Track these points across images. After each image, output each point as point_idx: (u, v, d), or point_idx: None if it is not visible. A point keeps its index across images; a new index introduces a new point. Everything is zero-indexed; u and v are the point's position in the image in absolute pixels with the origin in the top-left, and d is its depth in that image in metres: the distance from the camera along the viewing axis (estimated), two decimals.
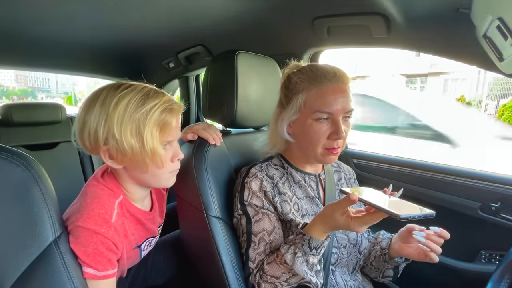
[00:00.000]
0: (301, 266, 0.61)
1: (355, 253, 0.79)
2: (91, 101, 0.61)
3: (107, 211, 0.62)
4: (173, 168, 0.69)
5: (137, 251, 0.75)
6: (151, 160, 0.62)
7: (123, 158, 0.61)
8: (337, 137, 0.69)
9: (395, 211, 0.48)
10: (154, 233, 0.80)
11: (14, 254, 0.47)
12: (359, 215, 0.55)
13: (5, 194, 0.48)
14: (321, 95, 0.69)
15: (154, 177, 0.66)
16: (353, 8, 0.90)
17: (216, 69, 0.88)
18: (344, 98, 0.69)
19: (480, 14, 0.62)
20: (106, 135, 0.59)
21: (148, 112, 0.60)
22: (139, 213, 0.71)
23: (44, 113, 1.59)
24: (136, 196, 0.71)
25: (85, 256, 0.57)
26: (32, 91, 43.16)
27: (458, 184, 1.00)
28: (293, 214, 0.71)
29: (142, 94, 0.61)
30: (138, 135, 0.60)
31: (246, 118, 0.88)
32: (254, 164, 0.78)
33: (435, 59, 12.37)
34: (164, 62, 1.74)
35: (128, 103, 0.59)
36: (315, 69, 0.72)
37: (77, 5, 0.97)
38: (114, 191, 0.66)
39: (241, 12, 1.05)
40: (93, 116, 0.60)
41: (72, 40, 1.39)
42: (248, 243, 0.72)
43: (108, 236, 0.60)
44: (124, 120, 0.59)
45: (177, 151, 0.69)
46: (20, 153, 0.51)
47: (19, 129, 1.53)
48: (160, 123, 0.62)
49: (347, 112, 0.70)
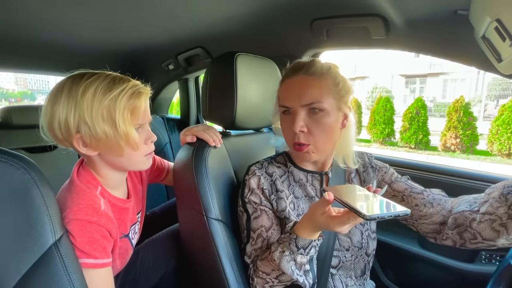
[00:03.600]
0: (288, 265, 0.61)
1: (362, 256, 0.76)
2: (56, 92, 0.62)
3: (94, 201, 0.63)
4: (148, 151, 0.71)
5: (126, 241, 0.76)
6: (126, 143, 0.64)
7: (97, 144, 0.62)
8: (293, 129, 0.67)
9: (362, 210, 0.46)
10: (134, 220, 0.82)
11: (14, 256, 0.47)
12: (338, 215, 0.54)
13: (5, 197, 0.48)
14: (283, 88, 0.72)
15: (129, 160, 0.68)
16: (352, 10, 0.90)
17: (215, 71, 0.88)
18: (300, 91, 0.66)
19: (478, 16, 0.63)
20: (77, 123, 0.60)
21: (117, 97, 0.61)
22: (119, 201, 0.73)
23: None
24: (112, 182, 0.72)
25: (82, 245, 0.58)
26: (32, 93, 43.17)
27: (459, 185, 1.01)
28: (288, 212, 0.71)
29: (109, 80, 0.63)
30: (110, 120, 0.61)
31: (246, 119, 0.88)
32: (256, 162, 0.79)
33: (434, 59, 12.42)
34: (163, 64, 1.74)
35: (96, 90, 0.60)
36: (290, 65, 0.74)
37: (76, 8, 0.98)
38: (92, 183, 0.67)
39: (240, 14, 1.05)
40: (61, 106, 0.60)
41: (72, 42, 1.39)
42: (248, 239, 0.73)
43: (101, 223, 0.61)
44: (94, 106, 0.60)
45: (149, 134, 0.71)
46: (20, 156, 0.51)
47: (19, 131, 1.53)
48: (130, 107, 0.63)
49: (304, 104, 0.66)
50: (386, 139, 8.29)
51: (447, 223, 0.66)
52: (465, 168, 1.06)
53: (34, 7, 0.95)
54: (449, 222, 0.65)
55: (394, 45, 0.95)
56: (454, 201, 0.69)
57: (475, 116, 6.94)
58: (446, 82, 14.18)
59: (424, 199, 0.72)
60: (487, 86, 12.12)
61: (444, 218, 0.67)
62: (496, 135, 6.40)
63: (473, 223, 0.61)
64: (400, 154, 7.32)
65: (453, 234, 0.65)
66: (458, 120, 6.84)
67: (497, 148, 6.43)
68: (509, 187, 0.57)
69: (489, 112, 10.82)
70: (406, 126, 7.63)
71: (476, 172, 1.02)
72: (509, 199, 0.55)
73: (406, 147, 7.76)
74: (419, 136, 7.50)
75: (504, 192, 0.57)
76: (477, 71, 11.36)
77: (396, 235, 1.13)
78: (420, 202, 0.72)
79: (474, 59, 0.80)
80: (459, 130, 6.88)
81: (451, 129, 6.99)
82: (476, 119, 6.88)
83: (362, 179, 0.82)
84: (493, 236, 0.59)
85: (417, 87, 14.83)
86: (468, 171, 1.04)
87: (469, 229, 0.62)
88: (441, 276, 1.05)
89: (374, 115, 8.32)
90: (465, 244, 0.64)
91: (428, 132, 7.51)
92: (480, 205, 0.60)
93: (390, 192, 0.78)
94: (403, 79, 14.99)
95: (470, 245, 0.63)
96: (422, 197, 0.72)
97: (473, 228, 0.61)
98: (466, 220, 0.62)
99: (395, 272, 1.18)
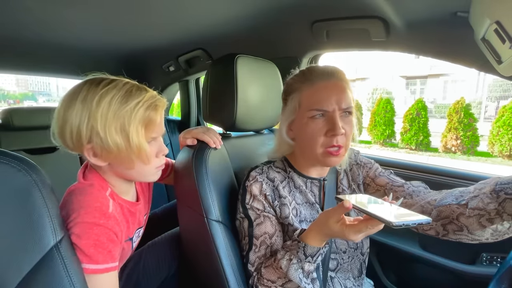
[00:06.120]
0: (296, 273, 0.61)
1: (358, 256, 0.78)
2: (71, 97, 0.59)
3: (103, 203, 0.61)
4: (159, 164, 0.70)
5: (129, 244, 0.76)
6: (137, 156, 0.62)
7: (108, 155, 0.60)
8: (333, 133, 0.66)
9: (388, 218, 0.47)
10: (141, 223, 0.80)
11: (15, 258, 0.47)
12: (355, 223, 0.54)
13: (6, 198, 0.48)
14: (313, 92, 0.69)
15: (139, 172, 0.66)
16: (352, 12, 0.91)
17: (216, 73, 0.89)
18: (338, 95, 0.67)
19: (478, 18, 0.63)
20: (90, 133, 0.58)
21: (133, 109, 0.59)
22: (128, 204, 0.71)
23: (45, 117, 1.58)
24: (121, 190, 0.70)
25: (86, 248, 0.56)
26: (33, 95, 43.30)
27: (460, 186, 1.00)
28: (291, 219, 0.71)
29: (125, 90, 0.61)
30: (123, 133, 0.59)
31: (246, 121, 0.88)
32: (256, 167, 0.77)
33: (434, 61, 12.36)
34: (164, 66, 1.75)
35: (111, 100, 0.58)
36: (309, 69, 0.73)
37: (77, 10, 0.98)
38: (101, 185, 0.65)
39: (241, 16, 1.06)
40: (74, 114, 0.58)
41: (73, 44, 1.39)
42: (250, 246, 0.72)
43: (108, 226, 0.60)
44: (108, 117, 0.58)
45: (161, 147, 0.69)
46: (21, 158, 0.51)
47: (20, 133, 1.53)
48: (145, 120, 0.61)
49: (343, 108, 0.68)
50: (387, 140, 8.29)
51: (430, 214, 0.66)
52: (464, 169, 1.06)
53: (36, 9, 0.96)
54: (432, 214, 0.65)
55: (394, 47, 0.95)
56: (435, 194, 0.69)
57: (476, 117, 6.94)
58: (446, 83, 14.17)
59: (404, 191, 0.73)
60: (488, 87, 12.11)
61: (423, 208, 0.67)
62: (497, 136, 6.40)
63: (460, 217, 0.61)
64: (401, 156, 7.32)
65: (436, 226, 0.65)
66: (458, 121, 6.84)
67: (498, 149, 6.42)
68: (502, 184, 0.57)
69: (489, 113, 10.81)
70: (406, 128, 7.63)
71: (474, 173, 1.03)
72: (501, 196, 0.56)
73: (407, 149, 7.76)
74: (419, 137, 7.50)
75: (496, 188, 0.57)
76: (477, 72, 11.36)
77: (397, 236, 1.13)
78: (401, 194, 0.73)
79: (474, 61, 0.80)
80: (460, 132, 6.88)
81: (452, 130, 6.99)
82: (476, 120, 6.89)
83: (349, 179, 0.83)
84: (480, 230, 0.59)
85: (418, 88, 14.83)
86: (468, 172, 1.04)
87: (455, 222, 0.62)
88: (442, 278, 1.04)
89: (375, 116, 8.32)
90: (448, 235, 0.64)
91: (429, 134, 7.51)
92: (469, 200, 0.60)
93: (373, 187, 0.80)
94: (404, 80, 14.99)
95: (452, 236, 0.64)
96: (403, 189, 0.74)
97: (460, 221, 0.61)
98: (453, 213, 0.62)
99: (396, 273, 1.18)
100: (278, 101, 0.94)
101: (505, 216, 0.55)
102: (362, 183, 0.82)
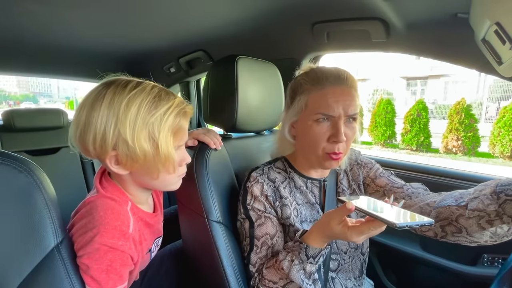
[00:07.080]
0: (298, 274, 0.61)
1: (358, 256, 0.78)
2: (94, 100, 0.55)
3: (123, 222, 0.58)
4: (181, 172, 0.67)
5: (148, 255, 0.74)
6: (164, 165, 0.58)
7: (133, 164, 0.56)
8: (336, 140, 0.67)
9: (391, 220, 0.47)
10: (160, 233, 0.78)
11: (16, 259, 0.48)
12: (357, 225, 0.54)
13: (7, 199, 0.48)
14: (322, 97, 0.68)
15: (162, 182, 0.63)
16: (352, 13, 0.91)
17: (216, 74, 0.89)
18: (346, 101, 0.67)
19: (478, 19, 0.63)
20: (116, 140, 0.54)
21: (162, 116, 0.56)
22: (147, 216, 0.69)
23: (46, 118, 1.60)
24: (140, 199, 0.68)
25: (97, 273, 0.54)
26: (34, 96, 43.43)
27: (460, 187, 1.00)
28: (292, 219, 0.71)
29: (154, 95, 0.57)
30: (152, 140, 0.56)
31: (247, 122, 0.88)
32: (256, 168, 0.77)
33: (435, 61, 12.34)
34: (165, 67, 1.75)
35: (140, 106, 0.54)
36: (319, 71, 0.72)
37: (78, 12, 0.99)
38: (121, 198, 0.61)
39: (241, 18, 1.06)
40: (99, 118, 0.53)
41: (74, 46, 1.40)
42: (251, 247, 0.72)
43: (125, 249, 0.57)
44: (137, 124, 0.54)
45: (185, 155, 0.66)
46: (22, 159, 0.51)
47: (21, 134, 1.54)
48: (174, 128, 0.58)
49: (349, 115, 0.68)
50: (388, 141, 8.29)
51: (428, 216, 0.66)
52: (464, 170, 1.06)
53: (38, 12, 0.96)
54: (431, 215, 0.65)
55: (394, 48, 0.95)
56: (435, 196, 0.69)
57: (477, 118, 6.93)
58: (447, 84, 14.16)
59: (403, 192, 0.73)
60: (489, 88, 12.10)
61: (422, 210, 0.67)
62: (498, 137, 6.39)
63: (460, 218, 0.60)
64: (402, 156, 7.31)
65: (435, 227, 0.65)
66: (459, 122, 6.84)
67: (499, 150, 6.41)
68: (502, 185, 0.56)
69: (490, 114, 10.79)
70: (407, 128, 7.63)
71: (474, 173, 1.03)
72: (501, 197, 0.55)
73: (408, 149, 7.75)
74: (420, 138, 7.50)
75: (497, 190, 0.56)
76: (478, 73, 11.35)
77: (397, 237, 1.12)
78: (400, 196, 0.73)
79: (474, 62, 0.80)
80: (461, 132, 6.87)
81: (453, 131, 6.98)
82: (477, 121, 6.88)
83: (349, 179, 0.83)
84: (479, 232, 0.59)
85: (418, 89, 14.82)
86: (468, 173, 1.04)
87: (454, 223, 0.61)
88: (443, 279, 1.04)
89: (375, 117, 8.32)
90: (446, 237, 0.64)
91: (430, 134, 7.50)
92: (469, 201, 0.60)
93: (372, 187, 0.80)
94: (404, 81, 14.98)
95: (451, 238, 0.63)
96: (402, 191, 0.74)
97: (459, 223, 0.61)
98: (452, 215, 0.62)
99: (397, 274, 1.18)
100: (279, 102, 0.95)
101: (505, 218, 0.55)
102: (362, 183, 0.82)
